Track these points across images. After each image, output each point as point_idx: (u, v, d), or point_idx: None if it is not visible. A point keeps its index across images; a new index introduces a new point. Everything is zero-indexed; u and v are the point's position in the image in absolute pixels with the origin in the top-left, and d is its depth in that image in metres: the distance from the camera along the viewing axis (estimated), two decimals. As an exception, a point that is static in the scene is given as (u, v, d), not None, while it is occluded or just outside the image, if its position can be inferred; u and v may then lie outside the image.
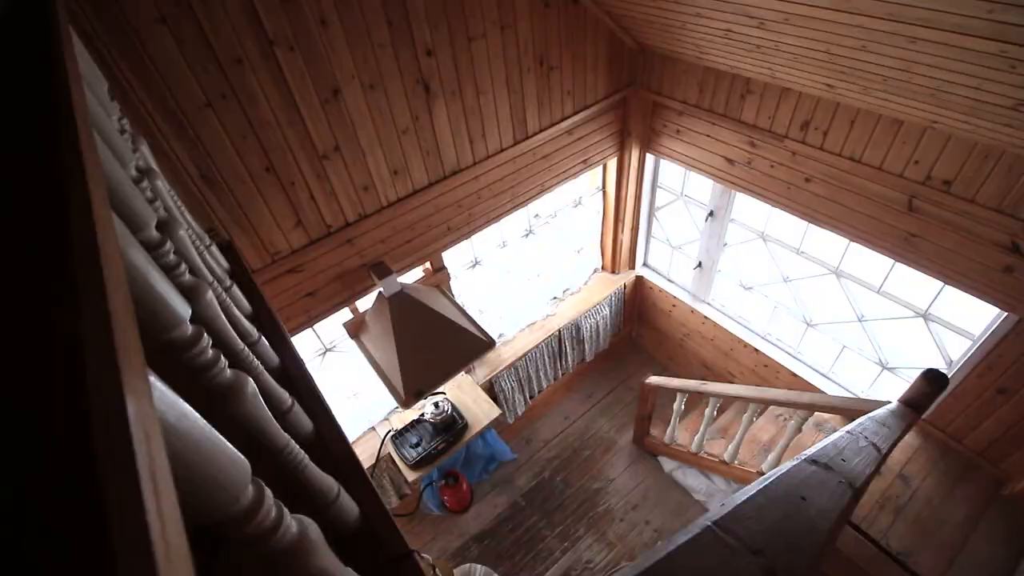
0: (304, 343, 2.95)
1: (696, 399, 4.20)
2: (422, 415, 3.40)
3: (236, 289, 1.56)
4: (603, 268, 4.46)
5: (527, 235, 3.68)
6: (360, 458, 3.33)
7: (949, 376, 2.74)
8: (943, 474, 2.80)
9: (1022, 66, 1.40)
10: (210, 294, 1.02)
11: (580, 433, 4.48)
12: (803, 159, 2.67)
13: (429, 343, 2.58)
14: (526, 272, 3.89)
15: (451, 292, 3.18)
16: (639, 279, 4.47)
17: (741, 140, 2.91)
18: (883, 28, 1.53)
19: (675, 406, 3.50)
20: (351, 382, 3.38)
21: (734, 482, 3.42)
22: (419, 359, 2.52)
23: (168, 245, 0.95)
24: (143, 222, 0.86)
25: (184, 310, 0.72)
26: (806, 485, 0.68)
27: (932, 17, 1.35)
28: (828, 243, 3.01)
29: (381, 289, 2.59)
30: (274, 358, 1.43)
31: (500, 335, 3.96)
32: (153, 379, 0.35)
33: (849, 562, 2.20)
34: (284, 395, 1.20)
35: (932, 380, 1.85)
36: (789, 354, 3.63)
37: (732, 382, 4.13)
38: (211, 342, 0.77)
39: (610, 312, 4.41)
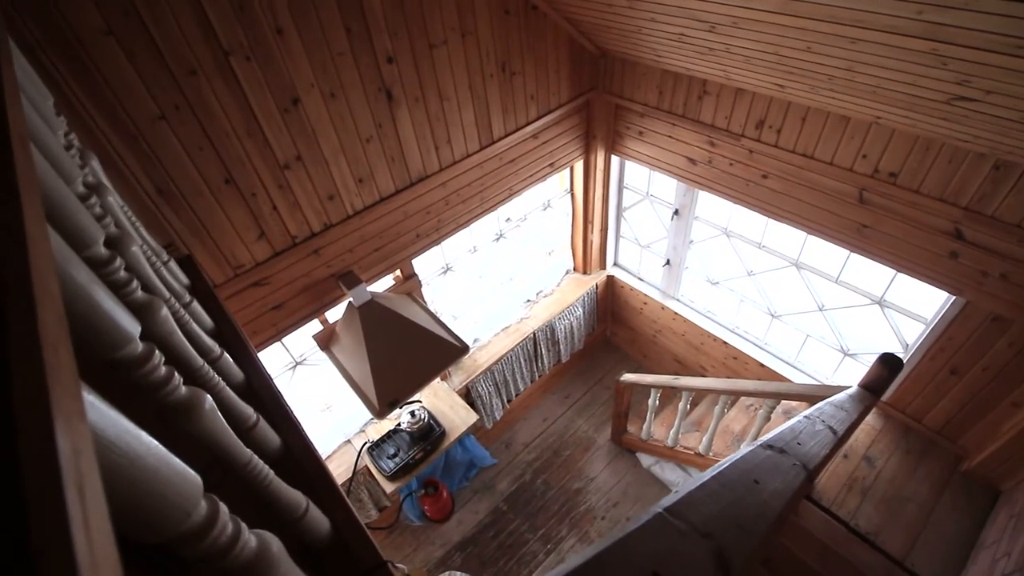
0: (273, 357, 2.89)
1: (670, 394, 4.28)
2: (398, 425, 3.36)
3: (196, 305, 1.52)
4: (575, 269, 4.51)
5: (498, 239, 3.69)
6: (336, 472, 3.30)
7: (905, 359, 2.87)
8: (905, 454, 2.91)
9: (952, 63, 1.48)
10: (165, 311, 1.00)
11: (559, 434, 4.50)
12: (760, 156, 2.75)
13: (402, 351, 2.56)
14: (499, 276, 3.90)
15: (423, 299, 3.16)
16: (610, 279, 4.53)
17: (701, 140, 2.99)
18: (824, 30, 1.60)
19: (650, 402, 3.56)
20: (323, 395, 3.33)
21: (710, 474, 3.48)
22: (392, 368, 2.50)
23: (118, 262, 0.93)
24: (90, 239, 0.84)
25: (133, 328, 0.71)
26: (760, 469, 0.70)
27: (867, 18, 1.42)
28: (787, 236, 3.11)
29: (351, 299, 2.57)
30: (238, 374, 1.40)
31: (475, 340, 3.95)
32: (89, 396, 0.35)
33: (820, 543, 2.27)
34: (248, 411, 1.18)
35: (888, 364, 1.93)
36: (756, 345, 3.73)
37: (704, 375, 4.21)
38: (164, 359, 0.75)
39: (583, 312, 4.46)
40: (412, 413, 3.34)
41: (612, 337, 5.12)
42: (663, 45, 2.50)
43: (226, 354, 1.36)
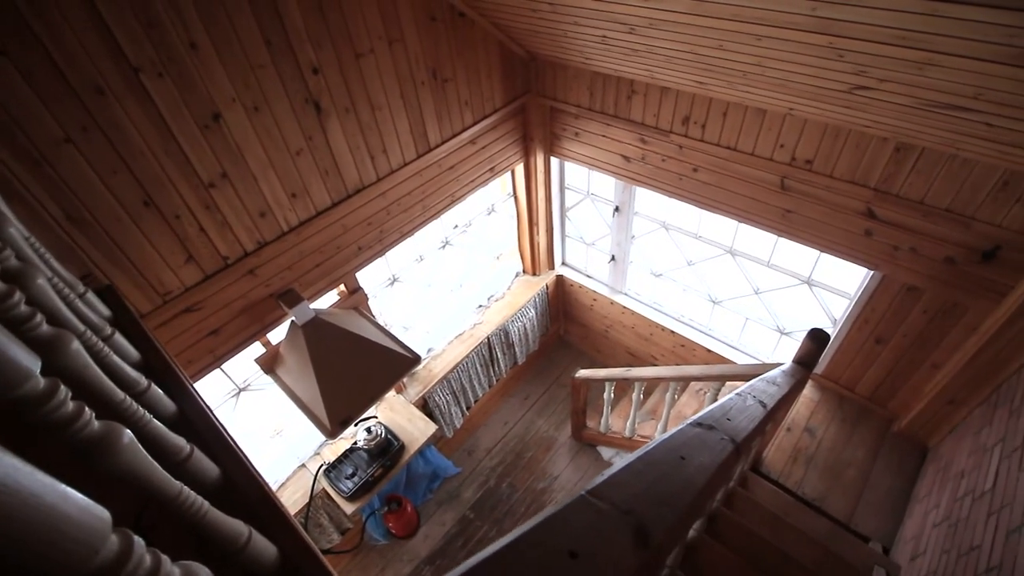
0: (213, 385, 2.76)
1: (624, 386, 4.39)
2: (355, 443, 3.28)
3: (119, 337, 1.44)
4: (524, 271, 4.54)
5: (444, 246, 3.68)
6: (292, 499, 3.17)
7: (834, 333, 3.06)
8: (842, 422, 3.11)
9: (848, 55, 1.60)
10: (76, 344, 0.94)
11: (521, 436, 4.51)
12: (689, 151, 2.88)
13: (351, 368, 2.50)
14: (448, 284, 3.88)
15: (371, 313, 3.10)
16: (560, 278, 4.60)
17: (633, 138, 3.09)
18: (732, 28, 1.69)
19: (605, 396, 3.63)
20: (272, 421, 3.20)
21: (667, 460, 3.58)
22: (342, 386, 2.44)
23: (17, 296, 0.86)
24: (-18, 273, 0.77)
25: (33, 364, 0.66)
26: (687, 446, 0.73)
27: (767, 16, 1.52)
28: (721, 226, 3.26)
29: (293, 318, 2.49)
30: (169, 405, 1.33)
31: (428, 350, 3.91)
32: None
33: (771, 515, 2.38)
34: (180, 443, 1.12)
35: (816, 338, 2.06)
36: (701, 332, 3.88)
37: (655, 365, 4.34)
38: (72, 395, 0.71)
39: (536, 313, 4.50)
40: (368, 430, 3.27)
41: (566, 335, 5.19)
42: (589, 47, 2.58)
43: (154, 386, 1.29)
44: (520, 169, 3.74)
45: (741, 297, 3.55)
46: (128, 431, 0.76)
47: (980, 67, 1.34)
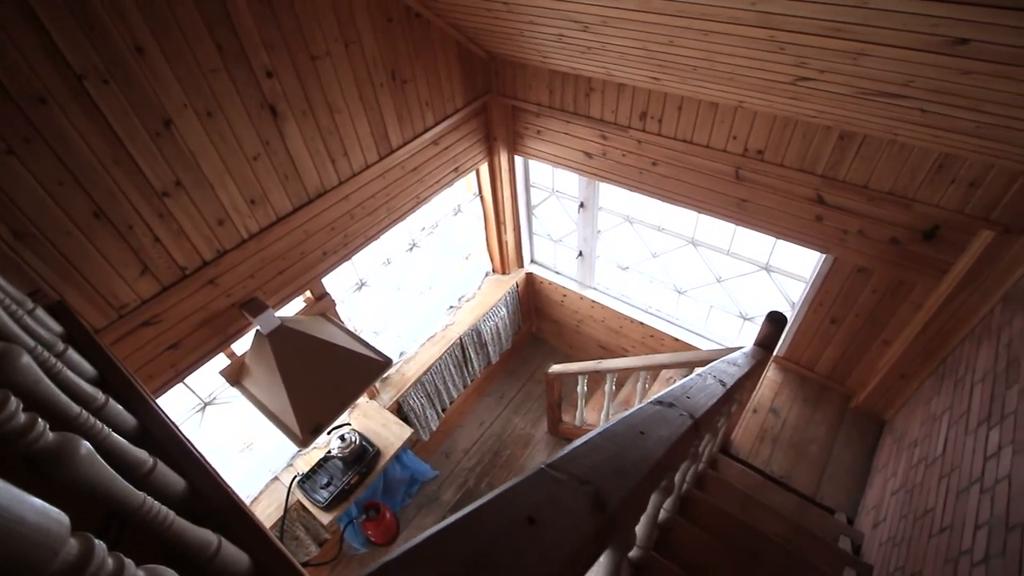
0: (177, 400, 2.67)
1: (597, 378, 4.45)
2: (329, 452, 3.23)
3: (73, 353, 1.39)
4: (494, 271, 4.56)
5: (411, 249, 3.66)
6: (266, 512, 3.11)
7: (792, 315, 3.18)
8: (804, 401, 3.23)
9: (789, 47, 1.67)
10: (26, 359, 0.91)
11: (498, 435, 4.53)
12: (647, 145, 2.95)
13: (321, 375, 2.47)
14: (417, 286, 3.86)
15: (339, 319, 3.06)
16: (529, 276, 4.64)
17: (594, 134, 3.15)
18: (680, 24, 1.75)
19: (579, 389, 3.68)
20: (241, 434, 3.12)
21: (642, 449, 3.66)
22: (312, 393, 2.40)
23: (-41, 312, 0.83)
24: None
25: (-23, 376, 0.64)
26: (647, 422, 0.76)
27: (711, 12, 1.58)
28: (682, 217, 3.35)
29: (258, 327, 2.44)
30: (130, 420, 1.29)
31: (401, 353, 3.88)
32: None
33: (741, 494, 2.46)
34: (143, 456, 1.09)
35: (774, 321, 2.14)
36: (669, 322, 3.97)
37: (626, 356, 4.42)
38: (22, 406, 0.69)
39: (507, 312, 4.52)
40: (342, 437, 3.22)
41: (538, 332, 5.23)
42: (546, 46, 2.61)
43: (112, 401, 1.25)
44: (485, 169, 3.76)
45: (704, 286, 3.66)
46: (85, 442, 0.74)
47: (909, 56, 1.43)
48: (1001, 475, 1.58)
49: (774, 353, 3.37)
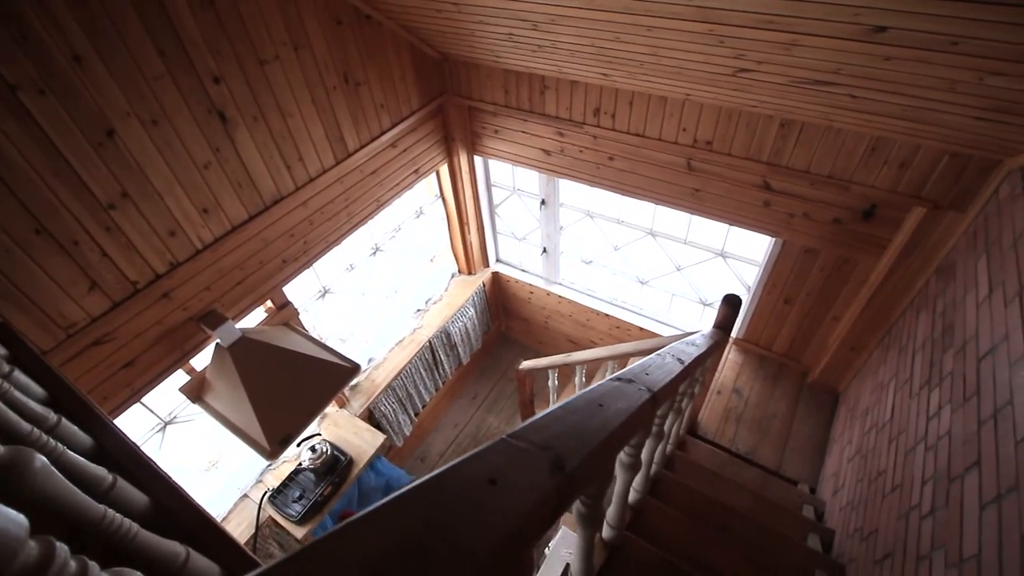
0: (135, 422, 2.57)
1: (567, 372, 4.51)
2: (300, 464, 3.17)
3: (20, 374, 1.33)
4: (460, 272, 4.56)
5: (374, 253, 3.63)
6: (238, 531, 3.02)
7: (748, 298, 3.31)
8: (764, 380, 3.37)
9: (728, 40, 1.75)
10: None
11: (472, 435, 4.53)
12: (603, 141, 3.02)
13: (287, 384, 2.42)
14: (382, 290, 3.83)
15: (303, 327, 3.01)
16: (495, 275, 4.66)
17: (551, 131, 3.20)
18: (624, 20, 1.81)
19: (550, 383, 3.72)
20: (205, 452, 3.03)
21: (614, 438, 3.73)
22: (279, 404, 2.36)
23: None
24: None
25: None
26: (606, 396, 0.80)
27: (654, 7, 1.64)
28: (640, 209, 3.45)
29: (218, 340, 2.37)
30: (85, 440, 1.25)
31: (369, 360, 3.84)
32: None
33: (709, 471, 2.55)
34: (101, 473, 1.06)
35: (730, 303, 2.23)
36: (633, 312, 4.07)
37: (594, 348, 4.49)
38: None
39: (476, 312, 4.53)
40: (312, 448, 3.17)
41: (507, 331, 5.26)
42: (498, 46, 2.64)
43: (66, 421, 1.21)
44: (445, 170, 3.76)
45: (665, 275, 3.76)
46: (40, 456, 0.72)
47: (836, 44, 1.52)
48: (942, 432, 1.70)
49: (732, 334, 3.50)
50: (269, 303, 2.78)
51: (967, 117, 1.74)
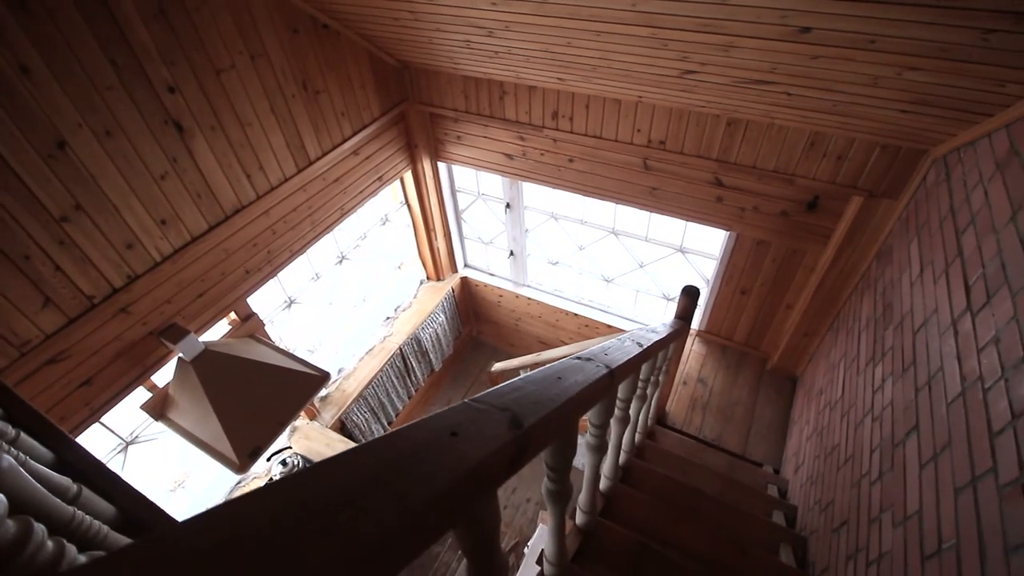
0: (94, 443, 2.49)
1: (541, 374, 4.56)
2: (271, 480, 3.10)
3: (-29, 392, 1.29)
4: (428, 278, 4.57)
5: (340, 262, 3.61)
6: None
7: (707, 291, 3.44)
8: (727, 369, 3.50)
9: (671, 43, 1.85)
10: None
11: (447, 442, 4.52)
12: (562, 143, 3.11)
13: (254, 396, 2.39)
14: (350, 299, 3.81)
15: (269, 339, 2.97)
16: (464, 280, 4.69)
17: (512, 136, 3.27)
18: (574, 26, 1.89)
19: (522, 384, 3.76)
20: (170, 472, 2.94)
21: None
22: (246, 416, 2.32)
23: None
24: None
25: None
26: (565, 370, 0.85)
27: (599, 13, 1.72)
28: (601, 209, 3.55)
29: (180, 354, 2.33)
30: (46, 453, 1.22)
31: (340, 370, 3.80)
32: None
33: (679, 458, 2.64)
34: (66, 482, 1.05)
35: (688, 293, 2.32)
36: (600, 310, 4.16)
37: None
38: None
39: (446, 318, 4.55)
40: (284, 463, 3.12)
41: (479, 335, 5.28)
42: (456, 52, 2.70)
43: (25, 435, 1.18)
44: (409, 176, 3.78)
45: (629, 272, 3.87)
46: (7, 456, 0.72)
47: (768, 45, 1.63)
48: (886, 403, 1.82)
49: (695, 326, 3.63)
50: (233, 315, 2.73)
51: (892, 110, 1.88)
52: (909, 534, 1.38)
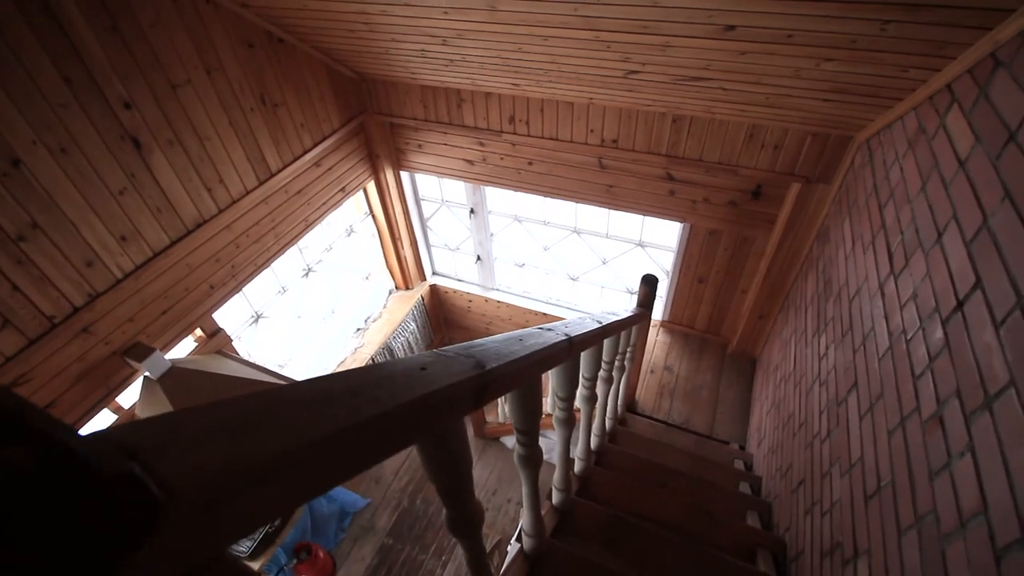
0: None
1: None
2: (247, 496, 3.06)
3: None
4: (397, 287, 4.59)
5: (307, 274, 3.61)
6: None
7: (667, 282, 3.59)
8: (691, 355, 3.65)
9: (614, 45, 1.98)
10: None
11: (425, 450, 4.52)
12: (521, 147, 3.21)
13: (226, 408, 2.37)
14: (319, 312, 3.80)
15: (237, 355, 2.94)
16: (433, 287, 4.73)
17: (471, 142, 3.36)
18: (522, 31, 2.00)
19: (496, 385, 3.82)
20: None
21: (562, 429, 3.89)
22: (219, 428, 2.30)
23: None
24: None
25: None
26: (527, 336, 0.92)
27: (546, 19, 1.84)
28: (562, 209, 3.66)
29: (147, 373, 2.30)
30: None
31: (311, 384, 3.77)
32: None
33: (649, 440, 2.74)
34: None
35: (647, 281, 2.44)
36: (568, 308, 4.27)
37: (537, 350, 4.65)
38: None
39: (417, 326, 4.57)
40: (260, 477, 3.07)
41: (450, 342, 5.31)
42: (412, 62, 2.78)
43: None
44: (372, 187, 3.82)
45: (593, 269, 4.00)
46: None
47: (700, 43, 1.77)
48: (830, 367, 1.97)
49: (659, 317, 3.77)
50: (199, 331, 2.71)
51: (816, 100, 2.06)
52: (854, 480, 1.50)
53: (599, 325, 1.38)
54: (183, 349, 2.67)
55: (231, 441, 0.30)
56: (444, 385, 0.53)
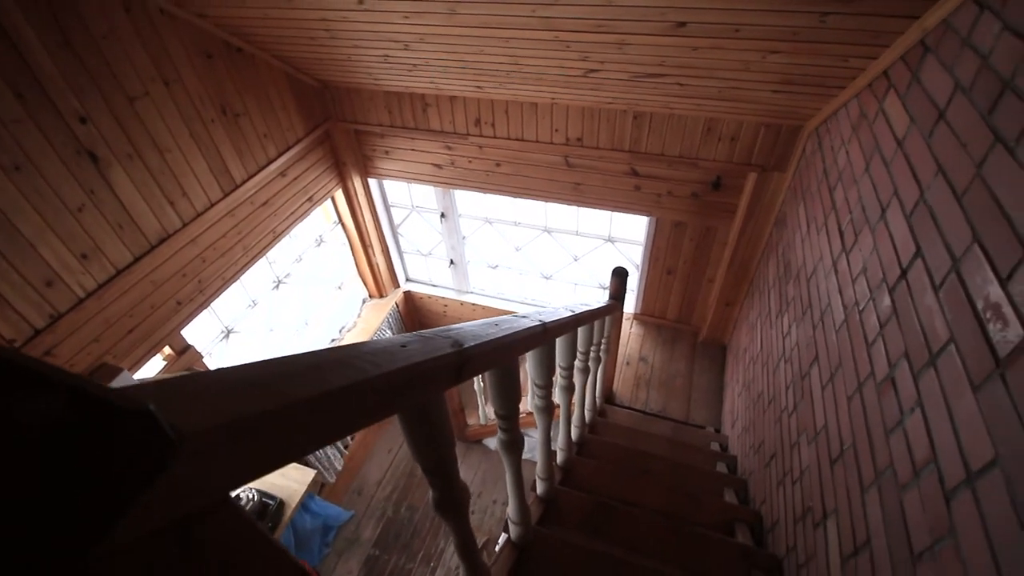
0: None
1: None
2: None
3: None
4: (371, 296, 4.56)
5: (277, 287, 3.56)
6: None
7: (637, 275, 3.67)
8: (664, 345, 3.74)
9: (573, 44, 2.04)
10: None
11: (407, 457, 4.49)
12: (488, 149, 3.25)
13: (201, 425, 2.32)
14: (292, 324, 3.75)
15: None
16: (407, 294, 4.71)
17: (438, 146, 3.38)
18: (483, 34, 2.04)
19: (476, 387, 3.84)
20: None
21: (543, 427, 3.93)
22: (195, 445, 2.26)
23: None
24: None
25: None
26: (503, 321, 0.96)
27: (506, 21, 1.88)
28: (532, 209, 3.72)
29: (116, 392, 2.23)
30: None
31: (288, 397, 3.71)
32: None
33: (628, 429, 2.81)
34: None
35: (618, 274, 2.51)
36: (543, 307, 4.31)
37: (514, 350, 4.68)
38: None
39: (393, 333, 4.54)
40: (236, 497, 3.01)
41: (428, 349, 5.30)
42: (375, 68, 2.79)
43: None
44: (340, 195, 3.80)
45: (565, 267, 4.06)
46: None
47: (654, 40, 1.85)
48: (793, 345, 2.06)
49: (631, 310, 3.85)
50: (168, 349, 2.64)
51: (766, 92, 2.16)
52: (819, 447, 1.58)
53: (572, 314, 1.43)
54: (152, 368, 2.61)
55: (232, 397, 0.32)
56: (423, 360, 0.56)
